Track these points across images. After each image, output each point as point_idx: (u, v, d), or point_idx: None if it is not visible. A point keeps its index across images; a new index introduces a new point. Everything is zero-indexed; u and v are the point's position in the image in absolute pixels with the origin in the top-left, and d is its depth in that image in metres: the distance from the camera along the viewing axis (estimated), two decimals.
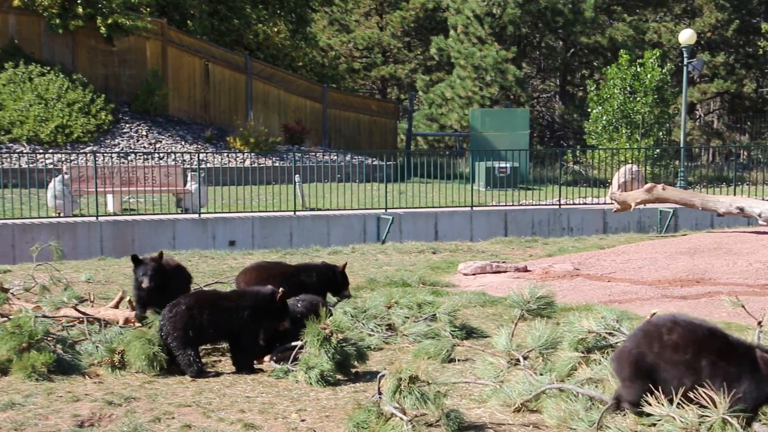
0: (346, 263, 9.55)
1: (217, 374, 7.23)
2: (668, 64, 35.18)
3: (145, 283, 7.91)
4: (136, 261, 8.12)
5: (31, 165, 25.15)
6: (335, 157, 29.86)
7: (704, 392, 4.92)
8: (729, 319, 9.27)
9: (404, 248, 15.80)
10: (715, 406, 4.86)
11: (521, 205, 22.97)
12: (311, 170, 25.93)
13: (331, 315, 7.55)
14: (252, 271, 9.08)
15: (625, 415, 5.49)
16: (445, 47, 43.29)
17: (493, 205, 22.68)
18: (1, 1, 29.24)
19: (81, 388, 6.72)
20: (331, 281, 9.24)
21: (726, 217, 15.45)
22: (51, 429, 5.73)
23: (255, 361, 7.45)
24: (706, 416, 4.86)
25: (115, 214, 20.72)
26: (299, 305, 7.84)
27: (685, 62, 28.10)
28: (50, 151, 26.27)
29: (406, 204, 22.38)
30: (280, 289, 7.42)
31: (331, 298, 9.28)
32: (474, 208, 21.81)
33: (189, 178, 22.08)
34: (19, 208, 19.81)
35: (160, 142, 29.55)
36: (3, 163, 24.22)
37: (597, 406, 5.58)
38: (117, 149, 27.72)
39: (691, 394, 5.00)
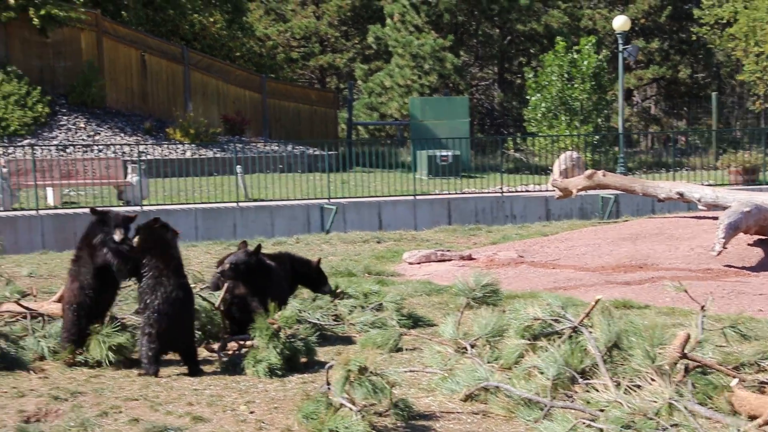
0: (320, 259, 9.24)
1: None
2: (604, 51, 35.57)
3: None
4: None
5: None
6: (276, 148, 29.71)
7: (650, 376, 4.99)
8: (672, 304, 9.43)
9: (348, 238, 15.81)
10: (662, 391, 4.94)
11: (464, 193, 23.07)
12: (253, 161, 25.77)
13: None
14: None
15: (573, 400, 5.57)
16: (383, 36, 43.24)
17: (435, 194, 22.75)
18: None
19: (26, 384, 6.62)
20: (305, 276, 8.83)
21: (666, 202, 15.65)
22: None
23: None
24: (653, 401, 4.93)
25: (55, 208, 20.40)
26: None
27: (620, 48, 28.42)
28: None
29: (349, 194, 22.36)
30: None
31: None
32: (417, 197, 21.86)
33: (129, 170, 21.82)
34: None
35: (99, 134, 29.14)
36: None
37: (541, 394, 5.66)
38: (55, 142, 27.26)
39: (637, 379, 5.06)
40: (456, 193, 22.79)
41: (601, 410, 5.11)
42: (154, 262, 6.90)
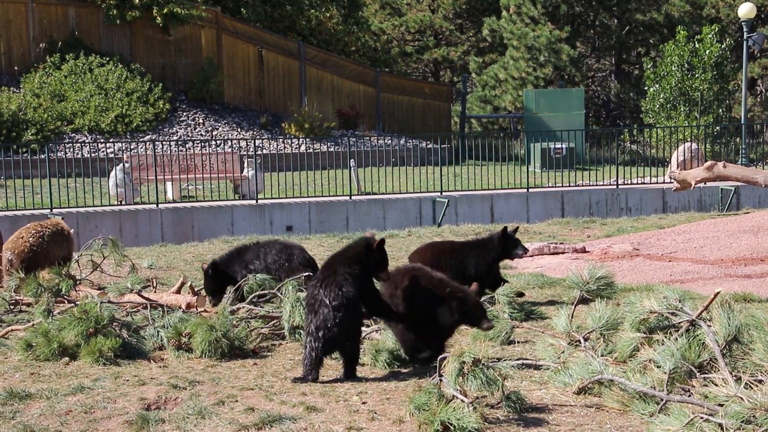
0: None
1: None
2: (727, 40, 34.51)
3: None
4: None
5: (92, 154, 25.54)
6: (389, 141, 29.84)
7: None
8: None
9: (460, 231, 15.78)
10: None
11: (578, 185, 22.73)
12: (366, 154, 25.93)
13: None
14: (426, 250, 9.27)
15: (690, 395, 5.44)
16: (498, 28, 42.93)
17: (549, 187, 22.49)
18: None
19: (146, 372, 6.83)
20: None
21: None
22: (119, 412, 5.84)
23: None
24: None
25: (174, 201, 20.96)
26: None
27: (744, 37, 27.59)
28: (111, 140, 26.68)
29: (461, 187, 22.31)
30: None
31: None
32: (530, 190, 21.66)
33: (246, 165, 22.25)
34: (83, 197, 20.14)
35: (217, 129, 29.82)
36: (66, 153, 24.67)
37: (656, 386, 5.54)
38: (175, 137, 28.01)
39: (759, 374, 4.89)
40: (570, 186, 22.48)
41: (720, 405, 4.97)
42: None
